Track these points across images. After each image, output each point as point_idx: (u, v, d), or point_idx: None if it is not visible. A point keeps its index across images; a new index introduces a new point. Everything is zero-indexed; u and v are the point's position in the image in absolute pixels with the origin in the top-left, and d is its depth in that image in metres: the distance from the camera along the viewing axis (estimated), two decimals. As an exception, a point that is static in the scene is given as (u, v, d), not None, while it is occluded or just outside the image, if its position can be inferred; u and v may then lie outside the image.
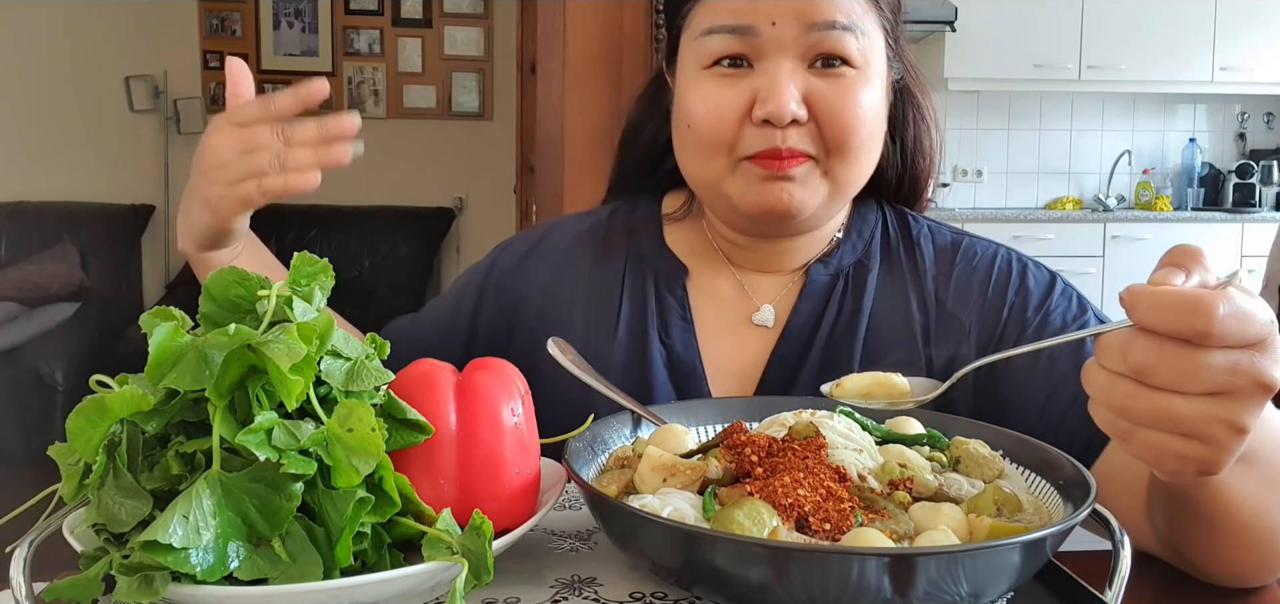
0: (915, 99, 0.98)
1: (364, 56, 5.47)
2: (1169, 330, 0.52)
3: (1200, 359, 0.52)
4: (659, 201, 1.06)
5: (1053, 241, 4.38)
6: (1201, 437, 0.54)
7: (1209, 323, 0.51)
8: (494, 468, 0.62)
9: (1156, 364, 0.52)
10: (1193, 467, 0.55)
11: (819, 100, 0.86)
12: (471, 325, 1.04)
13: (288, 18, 5.39)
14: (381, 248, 5.19)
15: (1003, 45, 4.38)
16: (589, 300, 1.00)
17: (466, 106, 5.53)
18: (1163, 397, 0.53)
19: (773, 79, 0.85)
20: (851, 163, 0.88)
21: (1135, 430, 0.55)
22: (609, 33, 2.54)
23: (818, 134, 0.87)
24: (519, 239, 1.08)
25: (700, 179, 0.92)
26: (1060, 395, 0.86)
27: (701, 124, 0.88)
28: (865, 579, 0.52)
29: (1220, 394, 0.53)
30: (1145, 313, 0.53)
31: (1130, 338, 0.54)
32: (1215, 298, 0.51)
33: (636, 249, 1.02)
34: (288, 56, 5.41)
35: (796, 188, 0.88)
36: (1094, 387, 0.56)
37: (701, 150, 0.90)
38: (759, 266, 0.99)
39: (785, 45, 0.86)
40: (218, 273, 0.59)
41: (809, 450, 0.66)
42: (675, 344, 0.97)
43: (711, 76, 0.88)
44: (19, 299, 4.39)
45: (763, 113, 0.85)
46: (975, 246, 0.98)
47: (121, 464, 0.55)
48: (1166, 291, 0.53)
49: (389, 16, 5.45)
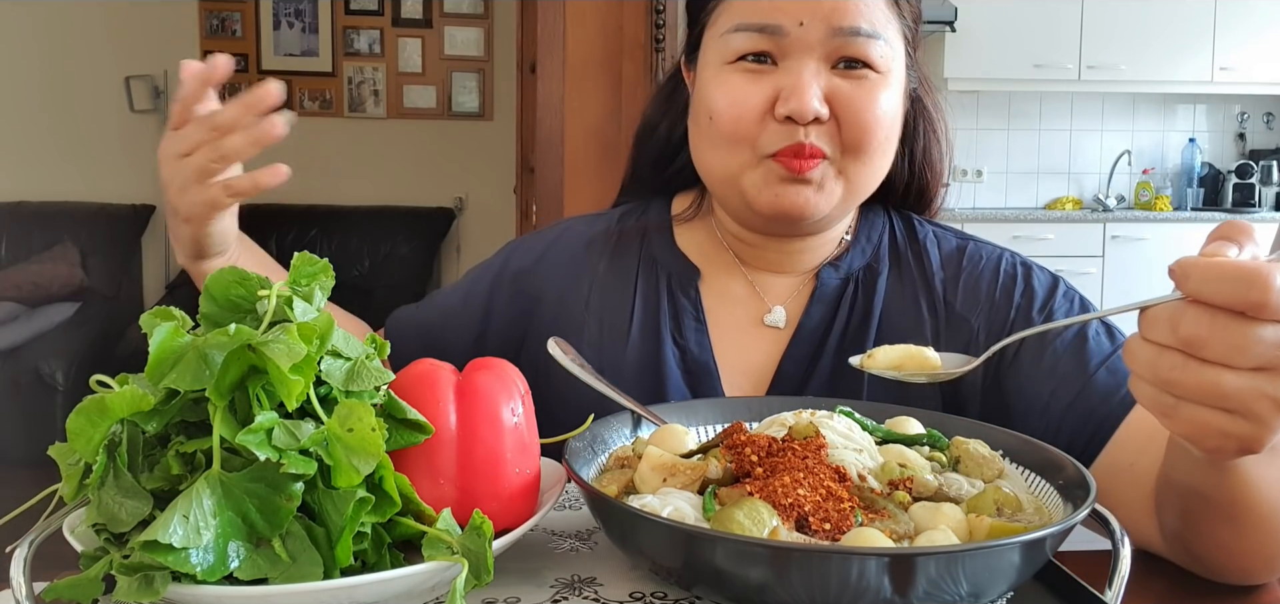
0: (927, 111, 0.99)
1: (364, 56, 5.47)
2: (1223, 301, 0.52)
3: (1252, 333, 0.52)
4: (669, 203, 1.07)
5: (1053, 242, 4.38)
6: (1246, 413, 0.54)
7: (1266, 293, 0.51)
8: (494, 468, 0.62)
9: (1208, 336, 0.52)
10: (1234, 444, 0.55)
11: (841, 100, 0.87)
12: (484, 322, 1.04)
13: (288, 18, 5.39)
14: (381, 248, 5.18)
15: (1003, 45, 4.38)
16: (603, 303, 1.01)
17: (466, 106, 5.53)
18: (1211, 371, 0.53)
19: (797, 77, 0.86)
20: (866, 164, 0.89)
21: (1179, 405, 0.55)
22: (609, 33, 2.54)
23: (836, 134, 0.88)
24: (533, 238, 1.09)
25: (718, 172, 0.93)
26: (1062, 393, 0.86)
27: (724, 117, 0.89)
28: (865, 579, 0.52)
29: (1268, 370, 0.53)
30: (1198, 283, 0.53)
31: (1180, 309, 0.53)
32: (1272, 269, 0.51)
33: (649, 251, 1.03)
34: (288, 56, 5.41)
35: (812, 191, 0.89)
36: (1138, 360, 0.56)
37: (723, 143, 0.90)
38: (769, 267, 1.00)
39: (810, 46, 0.87)
40: (218, 273, 0.59)
41: (809, 450, 0.66)
42: (689, 345, 0.97)
43: (735, 71, 0.89)
44: (19, 299, 4.39)
45: (785, 110, 0.86)
46: (980, 251, 1.00)
47: (121, 464, 0.55)
48: (1222, 262, 0.53)
49: (389, 16, 5.45)
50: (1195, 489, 0.67)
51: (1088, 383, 0.85)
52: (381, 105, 5.50)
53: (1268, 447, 0.59)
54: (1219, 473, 0.64)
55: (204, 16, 5.33)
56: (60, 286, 4.53)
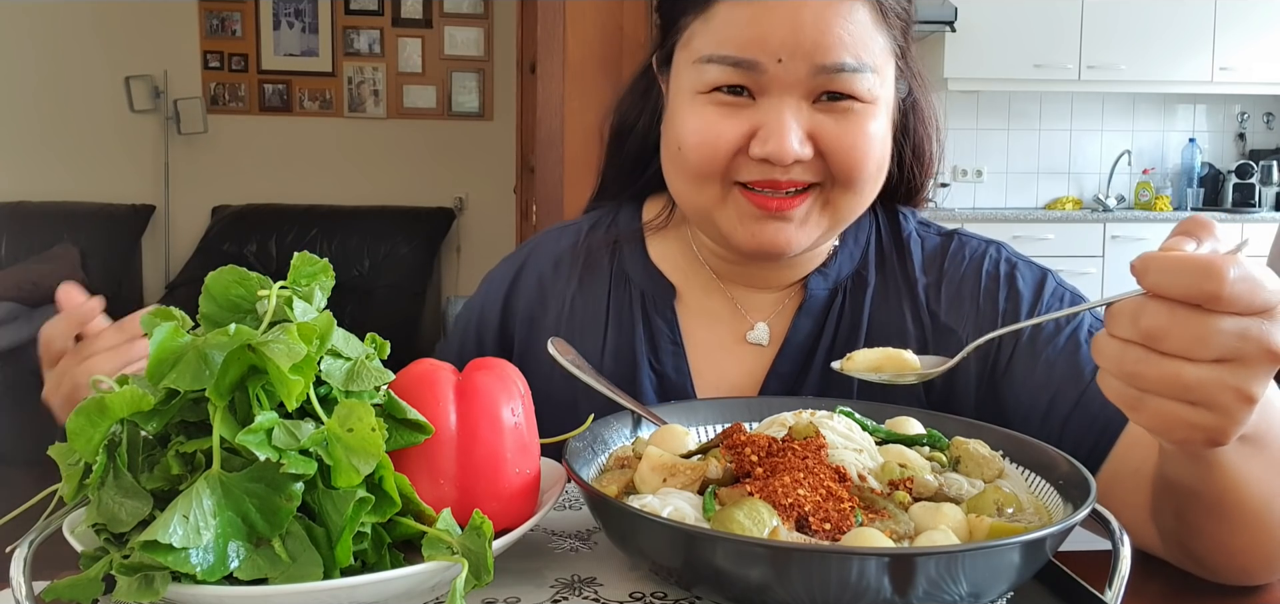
0: (919, 107, 0.94)
1: (364, 56, 5.47)
2: (1181, 293, 0.53)
3: (1211, 324, 0.53)
4: (639, 209, 1.01)
5: (1053, 242, 4.38)
6: (1210, 405, 0.54)
7: (1220, 285, 0.52)
8: (494, 468, 0.62)
9: (1168, 328, 0.53)
10: (1200, 435, 0.56)
11: (825, 136, 0.81)
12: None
13: (288, 18, 5.39)
14: (381, 248, 5.19)
15: (1003, 45, 4.38)
16: (573, 328, 0.96)
17: (466, 106, 5.53)
18: (1173, 363, 0.54)
19: (776, 117, 0.80)
20: (856, 194, 0.84)
21: (1144, 398, 0.56)
22: (609, 33, 2.54)
23: (824, 167, 0.83)
24: (500, 272, 1.03)
25: (689, 205, 0.88)
26: (1061, 402, 0.84)
27: (693, 152, 0.83)
28: (865, 579, 0.52)
29: (1229, 361, 0.54)
30: (1157, 277, 0.54)
31: (1141, 304, 0.55)
32: (1226, 262, 0.52)
33: (620, 267, 0.97)
34: (288, 56, 5.41)
35: (793, 228, 0.84)
36: (1104, 356, 0.57)
37: (692, 177, 0.84)
38: (751, 283, 0.95)
39: (790, 85, 0.80)
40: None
41: (809, 450, 0.66)
42: (666, 370, 0.93)
43: (708, 103, 0.83)
44: (19, 299, 4.39)
45: (763, 152, 0.80)
46: (964, 248, 0.95)
47: (121, 464, 0.55)
48: (1178, 256, 0.54)
49: (389, 16, 5.45)
50: (1185, 485, 0.67)
51: (1087, 390, 0.83)
52: (381, 105, 5.50)
53: (1249, 441, 0.60)
54: (1204, 468, 0.64)
55: (204, 16, 5.33)
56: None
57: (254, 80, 5.38)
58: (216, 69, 5.35)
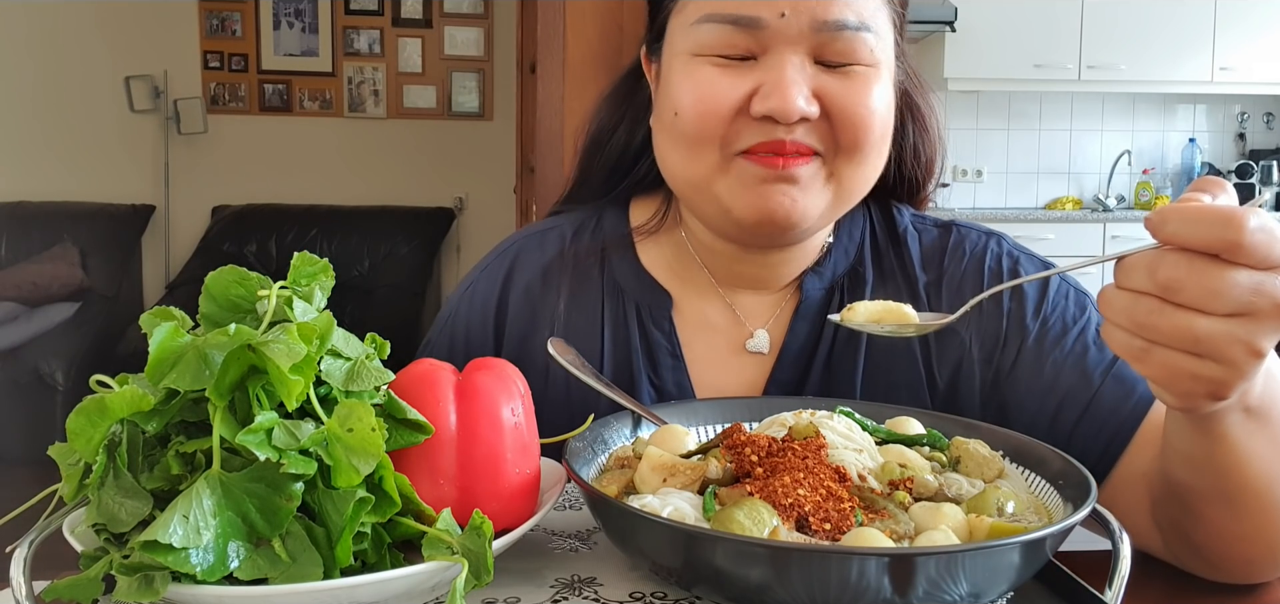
0: (914, 104, 0.92)
1: (364, 56, 5.47)
2: (1200, 242, 0.53)
3: (1227, 277, 0.53)
4: (625, 214, 0.97)
5: (1053, 242, 4.38)
6: (1218, 357, 0.55)
7: (1240, 233, 0.52)
8: (494, 468, 0.62)
9: (1185, 279, 0.54)
10: (1203, 388, 0.57)
11: (831, 96, 0.79)
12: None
13: (288, 18, 5.38)
14: (381, 248, 5.19)
15: (1003, 45, 4.38)
16: (569, 344, 0.92)
17: (466, 106, 5.53)
18: (1185, 315, 0.54)
19: (779, 73, 0.77)
20: (861, 164, 0.82)
21: (1151, 349, 0.56)
22: (609, 33, 2.54)
23: (828, 132, 0.80)
24: (483, 285, 0.97)
25: (685, 177, 0.84)
26: (1069, 407, 0.83)
27: (691, 113, 0.80)
28: (865, 579, 0.52)
29: (1241, 315, 0.54)
30: (1177, 226, 0.54)
31: (1159, 255, 0.55)
32: (1246, 212, 0.53)
33: (612, 276, 0.94)
34: (288, 56, 5.41)
35: (799, 192, 0.80)
36: (1112, 308, 0.57)
37: (689, 143, 0.81)
38: (748, 284, 0.92)
39: (793, 41, 0.78)
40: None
41: (809, 450, 0.66)
42: (666, 384, 0.91)
43: (706, 62, 0.80)
44: (19, 299, 4.39)
45: (765, 108, 0.77)
46: (964, 243, 0.93)
47: (121, 464, 0.55)
48: (1197, 206, 0.54)
49: (389, 16, 5.45)
50: (1188, 459, 0.67)
51: (1095, 395, 0.82)
52: (381, 105, 5.50)
53: (1254, 414, 0.60)
54: (1210, 441, 0.64)
55: (204, 16, 5.33)
56: (60, 287, 4.53)
57: (254, 80, 5.38)
58: (216, 69, 5.35)
